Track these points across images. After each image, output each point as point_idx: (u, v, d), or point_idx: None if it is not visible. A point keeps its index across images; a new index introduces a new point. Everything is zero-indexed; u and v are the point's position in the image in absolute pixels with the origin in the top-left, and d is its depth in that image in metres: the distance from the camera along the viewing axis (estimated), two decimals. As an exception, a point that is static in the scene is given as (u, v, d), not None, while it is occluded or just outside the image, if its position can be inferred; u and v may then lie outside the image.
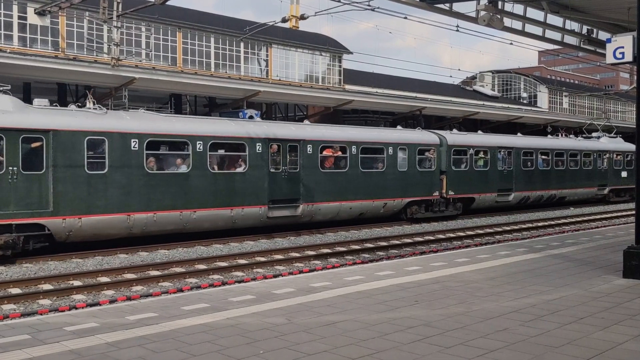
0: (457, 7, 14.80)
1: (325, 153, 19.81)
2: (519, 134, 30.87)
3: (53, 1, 22.38)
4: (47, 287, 11.63)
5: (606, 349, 5.73)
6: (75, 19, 24.87)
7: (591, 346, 5.83)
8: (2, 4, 23.30)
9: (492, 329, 6.44)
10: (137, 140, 15.52)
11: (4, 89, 14.70)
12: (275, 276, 12.65)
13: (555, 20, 16.46)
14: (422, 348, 5.81)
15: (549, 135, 33.78)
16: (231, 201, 17.27)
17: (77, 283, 11.98)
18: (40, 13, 23.67)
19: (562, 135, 34.04)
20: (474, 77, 52.68)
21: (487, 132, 31.67)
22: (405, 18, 19.69)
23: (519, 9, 15.38)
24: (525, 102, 51.31)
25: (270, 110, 32.11)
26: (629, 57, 9.87)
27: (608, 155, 32.99)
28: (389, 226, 21.36)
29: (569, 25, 17.13)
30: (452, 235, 19.23)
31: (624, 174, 33.93)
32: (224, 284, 11.95)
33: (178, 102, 27.27)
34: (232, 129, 17.71)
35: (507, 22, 15.27)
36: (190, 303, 7.81)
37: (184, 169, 16.55)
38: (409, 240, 17.81)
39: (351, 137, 20.63)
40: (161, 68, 24.83)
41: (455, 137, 24.47)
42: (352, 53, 35.88)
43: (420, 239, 18.16)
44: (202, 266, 13.79)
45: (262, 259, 14.75)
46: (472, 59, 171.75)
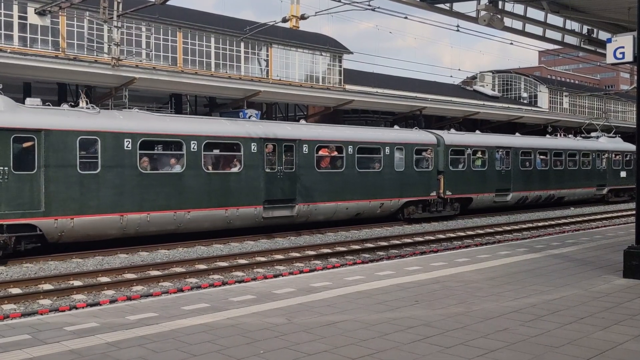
0: (458, 7, 14.81)
1: (321, 153, 19.75)
2: (517, 133, 30.81)
3: (53, 1, 22.38)
4: (47, 287, 11.64)
5: (606, 349, 5.74)
6: (75, 18, 24.88)
7: (591, 346, 5.84)
8: (2, 3, 23.30)
9: (492, 329, 6.44)
10: (130, 140, 15.41)
11: None
12: (276, 276, 12.65)
13: (555, 20, 16.48)
14: (422, 348, 5.81)
15: (548, 135, 33.71)
16: (226, 201, 17.18)
17: (77, 283, 11.98)
18: (41, 13, 23.67)
19: (560, 135, 33.99)
20: (474, 77, 52.71)
21: (487, 132, 31.65)
22: (406, 18, 19.68)
23: (519, 9, 15.38)
24: (525, 102, 51.31)
25: (271, 110, 32.11)
26: (629, 57, 9.88)
27: (607, 155, 32.90)
28: (389, 226, 21.35)
29: (569, 25, 17.13)
30: (452, 235, 19.23)
31: (623, 174, 33.85)
32: (224, 283, 11.95)
33: (178, 102, 27.29)
34: (226, 129, 17.62)
35: (508, 22, 15.26)
36: (191, 303, 7.81)
37: (178, 169, 16.45)
38: (409, 240, 17.82)
39: (347, 136, 20.58)
40: (161, 68, 24.85)
41: (452, 137, 24.40)
42: (352, 53, 35.91)
43: (420, 239, 18.17)
44: (202, 266, 13.80)
45: (263, 259, 14.76)
46: (472, 59, 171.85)
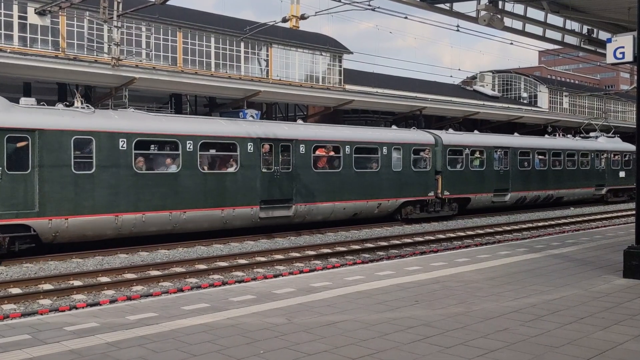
0: (458, 7, 14.79)
1: (318, 153, 19.69)
2: (516, 133, 30.75)
3: (53, 1, 22.37)
4: (47, 287, 11.64)
5: (606, 349, 5.74)
6: (75, 18, 24.87)
7: (591, 346, 5.84)
8: (2, 3, 23.30)
9: (492, 329, 6.44)
10: (125, 139, 15.32)
11: None
12: (276, 276, 12.65)
13: (555, 20, 16.47)
14: (422, 348, 5.81)
15: (546, 135, 33.66)
16: (222, 201, 17.10)
17: (77, 283, 11.98)
18: (41, 13, 23.67)
19: (559, 135, 33.95)
20: (474, 77, 52.71)
21: (487, 132, 31.62)
22: (406, 18, 19.67)
23: (519, 8, 15.37)
24: (525, 102, 51.31)
25: (271, 110, 32.11)
26: (629, 57, 9.88)
27: (606, 155, 32.81)
28: (389, 226, 21.35)
29: (569, 25, 17.12)
30: (452, 235, 19.23)
31: (622, 174, 33.76)
32: (224, 283, 11.95)
33: (178, 102, 27.28)
34: (222, 129, 17.53)
35: (508, 22, 15.25)
36: (191, 303, 7.81)
37: (173, 169, 16.37)
38: (409, 240, 17.82)
39: (345, 136, 20.51)
40: (161, 68, 24.84)
41: (450, 137, 24.32)
42: (352, 53, 35.89)
43: (420, 239, 18.17)
44: (202, 266, 13.80)
45: (263, 258, 14.76)
46: (472, 59, 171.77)
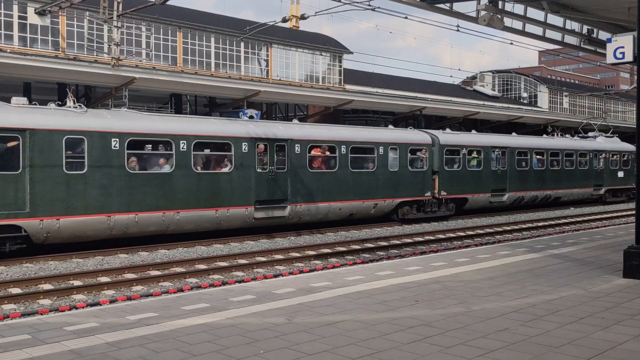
0: (458, 7, 14.78)
1: (313, 153, 19.62)
2: (514, 133, 30.68)
3: (53, 1, 22.37)
4: (47, 287, 11.64)
5: (606, 349, 5.74)
6: (75, 18, 24.86)
7: (591, 346, 5.84)
8: (2, 3, 23.30)
9: (492, 329, 6.44)
10: (117, 139, 15.21)
11: None
12: (276, 276, 12.65)
13: (555, 20, 16.47)
14: (422, 348, 5.81)
15: (544, 135, 33.58)
16: (216, 202, 17.00)
17: (77, 283, 11.99)
18: (41, 13, 23.66)
19: (557, 134, 33.90)
20: (474, 77, 52.71)
21: (487, 132, 31.58)
22: (406, 18, 19.63)
23: (519, 8, 15.37)
24: (525, 102, 51.31)
25: (271, 110, 32.10)
26: (629, 57, 9.88)
27: (604, 155, 32.69)
28: (389, 226, 21.35)
29: (569, 25, 17.12)
30: (452, 235, 19.23)
31: (621, 174, 33.66)
32: (224, 283, 11.95)
33: (178, 102, 27.28)
34: (216, 129, 17.45)
35: (508, 22, 15.24)
36: (191, 303, 7.81)
37: (167, 169, 16.26)
38: (409, 240, 17.82)
39: (340, 136, 20.42)
40: (161, 68, 24.83)
41: (447, 137, 24.20)
42: (352, 53, 35.86)
43: (420, 238, 18.17)
44: (202, 266, 13.80)
45: (263, 258, 14.76)
46: (472, 58, 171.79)
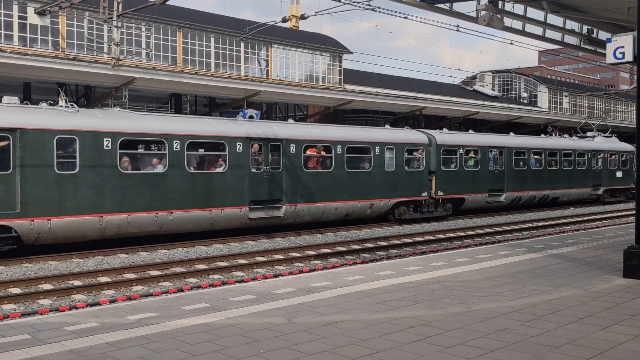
0: (458, 7, 14.78)
1: (309, 152, 19.53)
2: (512, 133, 30.60)
3: (53, 1, 22.37)
4: (47, 287, 11.64)
5: (606, 349, 5.74)
6: (75, 18, 24.87)
7: (591, 346, 5.84)
8: (2, 3, 23.31)
9: (492, 329, 6.44)
10: (110, 139, 15.09)
11: None
12: (276, 276, 12.65)
13: (555, 20, 16.47)
14: (422, 348, 5.81)
15: (542, 135, 33.49)
16: (210, 202, 16.89)
17: (77, 283, 11.99)
18: (41, 13, 23.67)
19: (555, 134, 33.86)
20: (474, 77, 52.73)
21: (487, 132, 31.54)
22: (406, 18, 19.63)
23: (519, 8, 15.37)
24: (525, 102, 51.33)
25: (271, 110, 32.11)
26: (629, 57, 9.88)
27: (603, 155, 32.57)
28: (389, 226, 21.34)
29: (569, 25, 17.12)
30: (452, 235, 19.23)
31: (619, 174, 33.56)
32: (224, 283, 11.95)
33: (178, 102, 27.28)
34: (210, 128, 17.36)
35: (508, 22, 15.24)
36: (191, 303, 7.81)
37: (160, 169, 16.15)
38: (409, 240, 17.82)
39: (336, 136, 20.32)
40: (161, 68, 24.84)
41: (444, 137, 24.09)
42: (352, 53, 35.89)
43: (420, 238, 18.17)
44: (202, 266, 13.80)
45: (262, 258, 14.76)
46: (472, 58, 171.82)
